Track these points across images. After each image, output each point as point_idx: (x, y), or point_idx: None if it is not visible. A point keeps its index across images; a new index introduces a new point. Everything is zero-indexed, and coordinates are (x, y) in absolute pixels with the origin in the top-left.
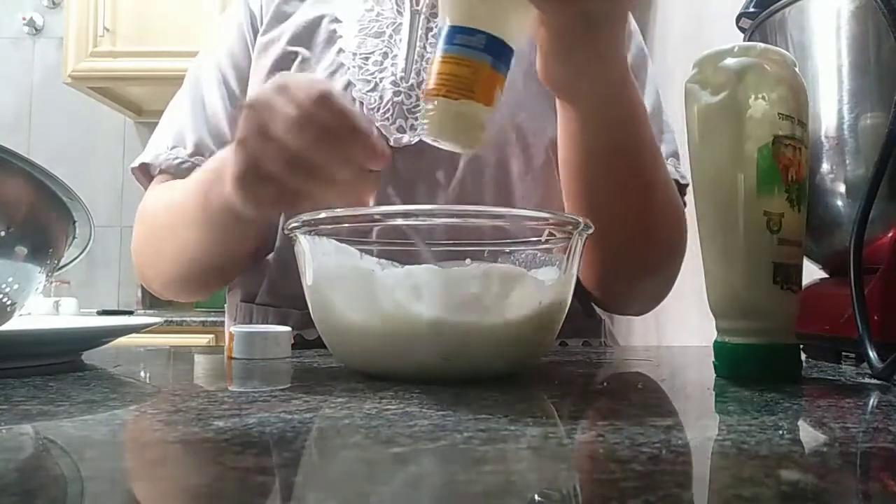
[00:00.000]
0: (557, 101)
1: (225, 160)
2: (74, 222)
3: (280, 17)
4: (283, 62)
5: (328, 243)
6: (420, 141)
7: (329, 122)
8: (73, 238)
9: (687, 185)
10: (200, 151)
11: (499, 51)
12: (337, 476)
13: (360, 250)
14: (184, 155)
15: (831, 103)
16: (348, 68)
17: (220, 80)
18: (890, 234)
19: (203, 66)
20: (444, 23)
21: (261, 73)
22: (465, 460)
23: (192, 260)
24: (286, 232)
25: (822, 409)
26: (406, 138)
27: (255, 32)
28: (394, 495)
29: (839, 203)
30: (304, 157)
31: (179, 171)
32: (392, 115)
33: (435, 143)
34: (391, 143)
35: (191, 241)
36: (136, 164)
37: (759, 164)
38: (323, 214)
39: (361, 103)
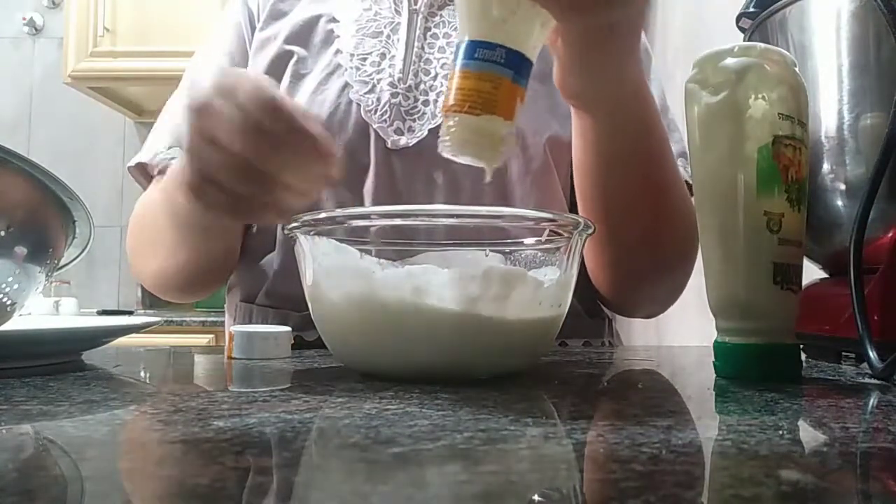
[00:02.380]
0: (572, 109)
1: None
2: (74, 222)
3: (276, 15)
4: (280, 61)
5: (328, 243)
6: (418, 143)
7: (275, 128)
8: (73, 238)
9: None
10: None
11: (519, 64)
12: (337, 476)
13: (360, 250)
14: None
15: (831, 103)
16: (346, 69)
17: None
18: (890, 234)
19: (201, 66)
20: (463, 37)
21: (257, 72)
22: (465, 460)
23: (179, 262)
24: (286, 232)
25: (822, 409)
26: (404, 140)
27: (254, 30)
28: (394, 495)
29: (839, 203)
30: (251, 164)
31: None
32: (389, 116)
33: (455, 159)
34: (389, 146)
35: (175, 245)
36: (132, 163)
37: (759, 164)
38: (323, 214)
39: (359, 105)
